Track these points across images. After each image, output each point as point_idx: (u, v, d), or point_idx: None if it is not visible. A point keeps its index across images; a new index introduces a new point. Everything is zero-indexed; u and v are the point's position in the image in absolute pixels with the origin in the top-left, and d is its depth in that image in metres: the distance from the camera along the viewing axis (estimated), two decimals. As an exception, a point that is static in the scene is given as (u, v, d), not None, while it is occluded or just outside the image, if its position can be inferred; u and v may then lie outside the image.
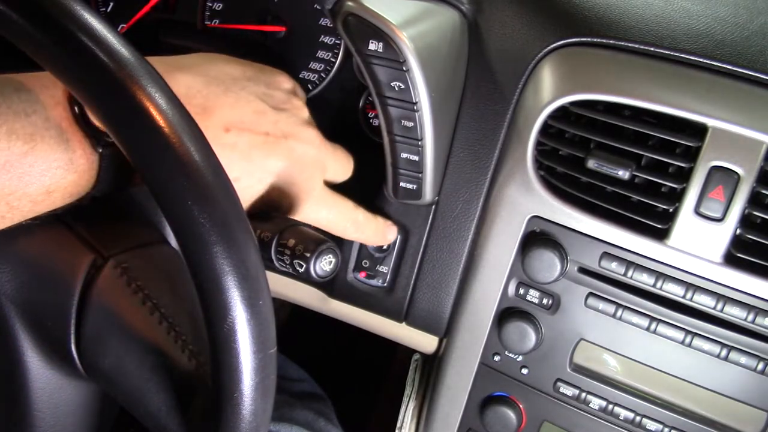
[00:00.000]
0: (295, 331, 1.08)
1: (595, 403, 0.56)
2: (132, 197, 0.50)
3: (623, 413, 0.55)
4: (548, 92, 0.53)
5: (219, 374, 0.34)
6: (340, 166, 0.57)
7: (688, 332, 0.52)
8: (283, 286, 0.69)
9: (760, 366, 0.50)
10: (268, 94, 0.51)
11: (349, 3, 0.49)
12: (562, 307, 0.56)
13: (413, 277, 0.62)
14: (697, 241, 0.50)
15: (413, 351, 0.73)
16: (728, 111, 0.48)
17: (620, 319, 0.54)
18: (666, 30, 0.54)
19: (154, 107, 0.31)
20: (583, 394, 0.56)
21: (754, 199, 0.48)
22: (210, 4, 0.68)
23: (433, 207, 0.61)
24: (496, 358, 0.59)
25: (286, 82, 0.54)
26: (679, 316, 0.52)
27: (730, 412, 0.53)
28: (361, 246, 0.64)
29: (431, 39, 0.52)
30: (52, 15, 0.30)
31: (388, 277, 0.63)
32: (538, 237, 0.55)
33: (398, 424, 0.73)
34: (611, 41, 0.54)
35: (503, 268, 0.57)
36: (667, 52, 0.52)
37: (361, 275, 0.64)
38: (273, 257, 0.49)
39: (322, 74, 0.66)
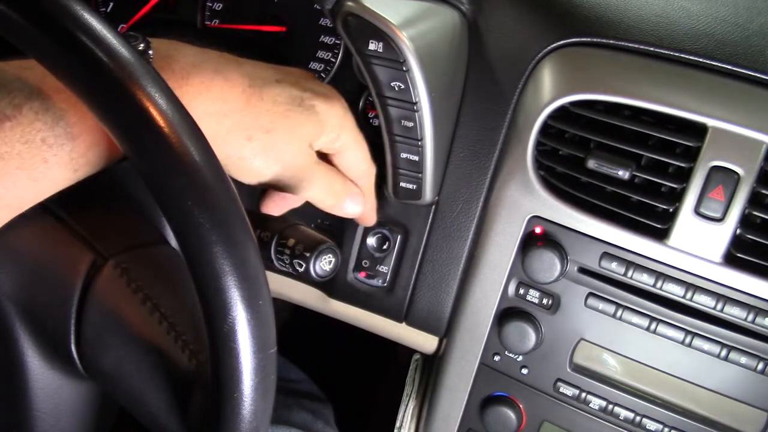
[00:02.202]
0: (295, 332, 1.08)
1: (595, 403, 0.56)
2: (132, 197, 0.50)
3: (623, 413, 0.55)
4: (548, 92, 0.53)
5: (219, 374, 0.34)
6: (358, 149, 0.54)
7: (688, 332, 0.52)
8: (283, 286, 0.69)
9: (760, 366, 0.50)
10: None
11: (349, 3, 0.49)
12: (562, 307, 0.56)
13: (413, 277, 0.62)
14: (697, 241, 0.50)
15: (413, 351, 0.73)
16: (728, 111, 0.48)
17: (620, 319, 0.54)
18: (666, 30, 0.54)
19: (154, 107, 0.31)
20: (583, 394, 0.56)
21: (754, 199, 0.48)
22: (210, 4, 0.68)
23: (433, 207, 0.61)
24: (496, 358, 0.59)
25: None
26: (679, 316, 0.52)
27: (730, 412, 0.53)
28: (361, 246, 0.64)
29: (431, 39, 0.52)
30: (51, 15, 0.30)
31: (388, 277, 0.63)
32: (538, 237, 0.55)
33: (398, 424, 0.73)
34: (611, 41, 0.54)
35: (503, 268, 0.57)
36: (667, 52, 0.52)
37: (361, 275, 0.64)
38: (273, 257, 0.49)
39: (322, 74, 0.66)
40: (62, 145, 0.36)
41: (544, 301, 0.56)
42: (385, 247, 0.63)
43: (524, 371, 0.58)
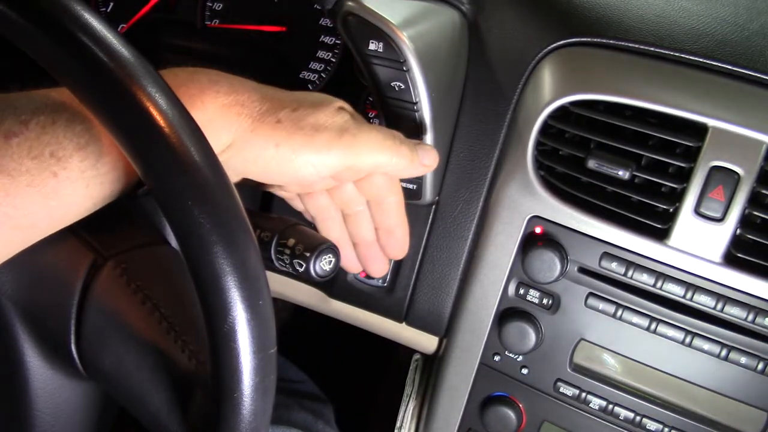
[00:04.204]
0: (295, 332, 1.08)
1: (595, 403, 0.56)
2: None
3: (623, 413, 0.55)
4: (548, 92, 0.53)
5: (219, 374, 0.34)
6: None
7: (688, 332, 0.52)
8: (283, 286, 0.69)
9: (760, 366, 0.50)
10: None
11: (349, 3, 0.49)
12: (563, 307, 0.56)
13: (413, 277, 0.62)
14: (697, 241, 0.50)
15: (413, 351, 0.73)
16: (728, 111, 0.48)
17: (620, 319, 0.54)
18: (666, 30, 0.54)
19: (154, 107, 0.31)
20: (583, 394, 0.56)
21: (754, 199, 0.48)
22: (210, 4, 0.68)
23: (433, 207, 0.61)
24: (496, 358, 0.59)
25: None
26: (679, 316, 0.52)
27: (730, 412, 0.53)
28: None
29: (431, 39, 0.52)
30: (51, 15, 0.30)
31: (388, 277, 0.63)
32: (538, 237, 0.55)
33: (398, 424, 0.73)
34: (611, 41, 0.54)
35: (503, 268, 0.57)
36: (667, 52, 0.52)
37: (361, 275, 0.64)
38: (273, 257, 0.49)
39: (322, 74, 0.66)
40: (71, 156, 0.35)
41: (544, 301, 0.56)
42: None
43: (524, 371, 0.58)
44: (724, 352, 0.51)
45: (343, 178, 0.49)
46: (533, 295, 0.57)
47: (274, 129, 0.43)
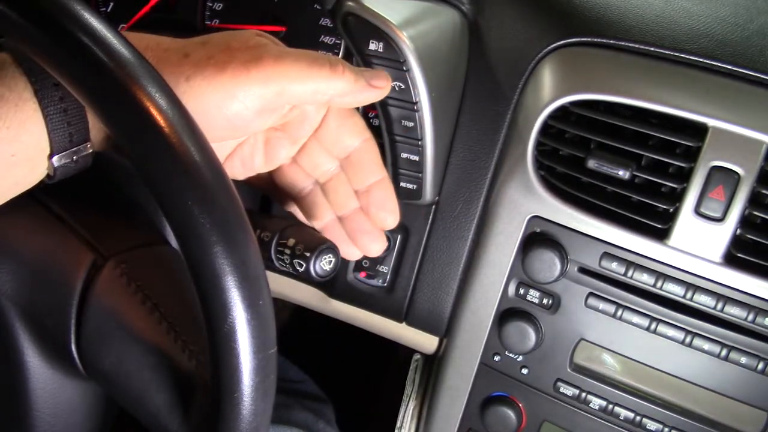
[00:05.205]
0: (295, 332, 1.08)
1: (595, 403, 0.56)
2: (132, 197, 0.50)
3: (623, 413, 0.55)
4: (548, 92, 0.53)
5: (219, 374, 0.34)
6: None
7: (688, 332, 0.52)
8: (283, 286, 0.69)
9: (760, 366, 0.50)
10: None
11: (349, 3, 0.49)
12: (563, 307, 0.56)
13: (413, 277, 0.62)
14: (697, 241, 0.50)
15: (413, 351, 0.73)
16: (728, 111, 0.48)
17: (620, 319, 0.54)
18: (666, 30, 0.54)
19: (155, 107, 0.31)
20: (583, 394, 0.56)
21: (755, 199, 0.48)
22: (210, 4, 0.68)
23: (433, 207, 0.61)
24: (496, 358, 0.59)
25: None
26: (679, 316, 0.52)
27: (730, 412, 0.53)
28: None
29: (431, 39, 0.52)
30: (52, 15, 0.31)
31: (388, 277, 0.63)
32: (538, 237, 0.55)
33: (398, 424, 0.73)
34: (611, 41, 0.54)
35: (503, 268, 0.57)
36: (667, 52, 0.52)
37: (361, 275, 0.64)
38: (273, 257, 0.49)
39: (322, 74, 0.66)
40: None
41: (545, 301, 0.56)
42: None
43: (524, 371, 0.58)
44: (724, 352, 0.51)
45: (279, 111, 0.44)
46: (533, 295, 0.57)
47: (181, 64, 0.40)
